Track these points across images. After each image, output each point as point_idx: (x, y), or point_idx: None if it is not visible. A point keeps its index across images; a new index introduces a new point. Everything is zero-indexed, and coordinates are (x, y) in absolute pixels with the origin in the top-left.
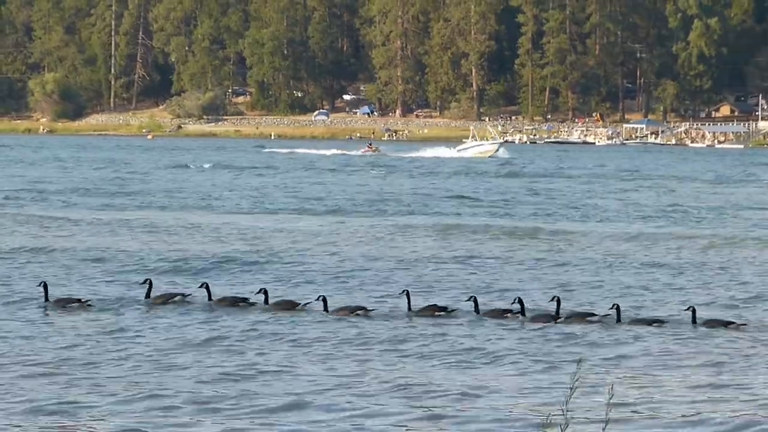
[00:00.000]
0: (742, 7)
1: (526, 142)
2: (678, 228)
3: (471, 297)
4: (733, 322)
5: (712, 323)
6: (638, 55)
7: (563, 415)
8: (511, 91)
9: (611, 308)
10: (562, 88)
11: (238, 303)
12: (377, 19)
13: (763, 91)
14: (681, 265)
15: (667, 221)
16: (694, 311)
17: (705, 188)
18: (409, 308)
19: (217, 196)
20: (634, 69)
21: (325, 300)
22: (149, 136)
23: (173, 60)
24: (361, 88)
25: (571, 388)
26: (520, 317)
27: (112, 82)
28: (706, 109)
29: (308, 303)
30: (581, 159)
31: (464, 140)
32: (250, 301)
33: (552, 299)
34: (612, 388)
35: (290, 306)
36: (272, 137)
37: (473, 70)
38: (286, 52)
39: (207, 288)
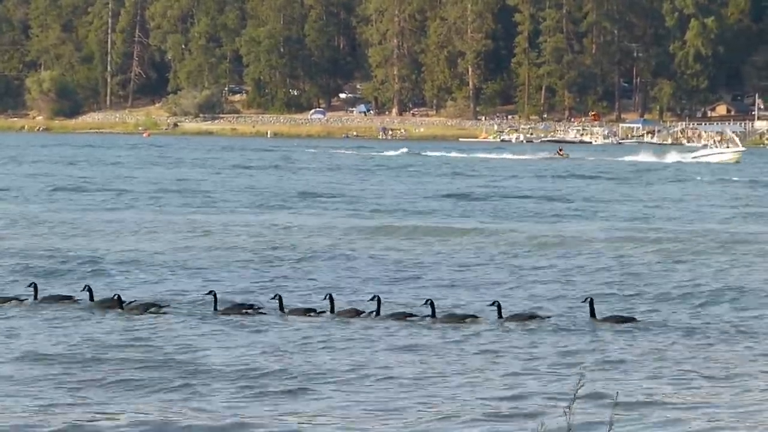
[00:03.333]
0: (738, 7)
1: (522, 141)
2: None
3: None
4: None
5: None
6: (635, 54)
7: (566, 417)
8: (507, 90)
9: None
10: (558, 87)
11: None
12: (374, 17)
13: (759, 90)
14: None
15: None
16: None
17: None
18: (215, 308)
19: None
20: (630, 68)
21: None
22: (145, 134)
23: (170, 58)
24: (358, 86)
25: (574, 395)
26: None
27: (109, 80)
28: (703, 109)
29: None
30: None
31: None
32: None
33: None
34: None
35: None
36: (268, 135)
37: (470, 69)
38: (282, 50)
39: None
